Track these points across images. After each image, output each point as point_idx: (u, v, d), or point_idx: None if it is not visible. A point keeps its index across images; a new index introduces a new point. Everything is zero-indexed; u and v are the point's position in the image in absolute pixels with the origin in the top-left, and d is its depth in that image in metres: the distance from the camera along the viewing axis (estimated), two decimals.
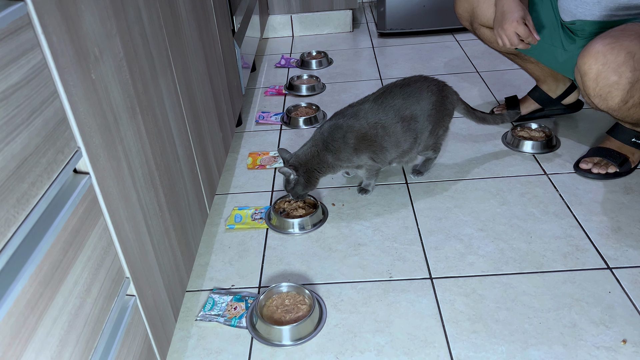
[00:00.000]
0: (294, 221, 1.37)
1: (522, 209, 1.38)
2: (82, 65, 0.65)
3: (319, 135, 1.40)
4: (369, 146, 1.37)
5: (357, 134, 1.36)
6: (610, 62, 1.19)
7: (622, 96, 1.22)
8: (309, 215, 1.38)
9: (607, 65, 1.19)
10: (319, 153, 1.37)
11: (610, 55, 1.18)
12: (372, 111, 1.37)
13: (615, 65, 1.19)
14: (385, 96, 1.39)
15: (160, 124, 0.95)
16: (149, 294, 0.84)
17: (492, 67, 2.23)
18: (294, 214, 1.40)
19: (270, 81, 2.30)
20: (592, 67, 1.22)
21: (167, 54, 1.02)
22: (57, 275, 0.58)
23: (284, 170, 1.36)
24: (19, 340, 0.51)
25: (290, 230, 1.36)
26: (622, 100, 1.23)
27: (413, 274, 1.21)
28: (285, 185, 1.40)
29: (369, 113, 1.38)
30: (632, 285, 1.13)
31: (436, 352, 1.02)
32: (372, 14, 3.09)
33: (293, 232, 1.36)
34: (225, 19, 1.63)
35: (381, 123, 1.36)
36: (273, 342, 1.06)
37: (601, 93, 1.24)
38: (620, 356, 0.98)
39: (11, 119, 0.51)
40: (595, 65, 1.21)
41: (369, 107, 1.39)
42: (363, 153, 1.38)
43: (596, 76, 1.22)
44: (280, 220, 1.38)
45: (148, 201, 0.86)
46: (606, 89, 1.22)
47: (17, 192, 0.52)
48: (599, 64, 1.21)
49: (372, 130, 1.36)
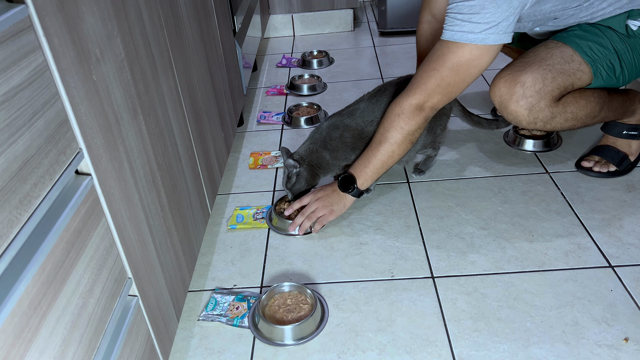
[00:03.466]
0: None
1: (524, 207, 1.38)
2: (83, 67, 0.65)
3: (317, 134, 1.40)
4: (367, 144, 1.38)
5: (354, 132, 1.37)
6: (505, 95, 1.28)
7: (526, 119, 1.28)
8: None
9: (502, 97, 1.28)
10: (317, 151, 1.38)
11: (504, 89, 1.27)
12: (368, 109, 1.38)
13: (508, 97, 1.27)
14: (381, 94, 1.40)
15: (161, 124, 0.95)
16: (152, 294, 0.85)
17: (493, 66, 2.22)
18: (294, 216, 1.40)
19: (271, 81, 2.31)
20: (495, 99, 1.31)
21: (168, 54, 1.02)
22: (59, 276, 0.58)
23: (288, 162, 1.35)
24: (23, 340, 0.51)
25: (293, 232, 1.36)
26: (528, 122, 1.29)
27: (415, 273, 1.21)
28: (285, 183, 1.40)
29: (365, 111, 1.38)
30: (634, 283, 1.13)
31: (438, 351, 1.02)
32: (373, 13, 3.08)
33: (294, 233, 1.36)
34: (226, 18, 1.63)
35: (377, 121, 1.37)
36: (275, 341, 1.07)
37: (509, 118, 1.31)
38: (623, 354, 0.98)
39: (13, 120, 0.52)
40: (496, 98, 1.30)
41: (365, 105, 1.39)
42: (360, 151, 1.38)
43: (499, 105, 1.31)
44: (282, 221, 1.38)
45: (150, 201, 0.86)
46: (510, 115, 1.30)
47: (20, 193, 0.52)
48: (497, 97, 1.30)
49: (369, 128, 1.37)
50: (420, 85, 1.20)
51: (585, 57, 1.26)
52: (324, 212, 1.34)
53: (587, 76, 1.28)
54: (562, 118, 1.29)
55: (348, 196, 1.34)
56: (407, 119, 1.23)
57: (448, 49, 1.15)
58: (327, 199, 1.35)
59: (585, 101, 1.31)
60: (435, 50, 1.18)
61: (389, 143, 1.26)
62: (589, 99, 1.31)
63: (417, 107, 1.22)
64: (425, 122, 1.25)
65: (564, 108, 1.28)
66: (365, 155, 1.31)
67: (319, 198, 1.36)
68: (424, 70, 1.20)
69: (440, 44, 1.16)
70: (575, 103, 1.30)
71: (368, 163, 1.30)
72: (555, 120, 1.29)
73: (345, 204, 1.35)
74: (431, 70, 1.18)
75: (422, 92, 1.20)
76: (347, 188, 1.32)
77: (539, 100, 1.25)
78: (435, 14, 1.49)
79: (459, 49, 1.13)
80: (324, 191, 1.36)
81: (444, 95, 1.20)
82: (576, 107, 1.30)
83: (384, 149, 1.27)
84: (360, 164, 1.31)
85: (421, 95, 1.20)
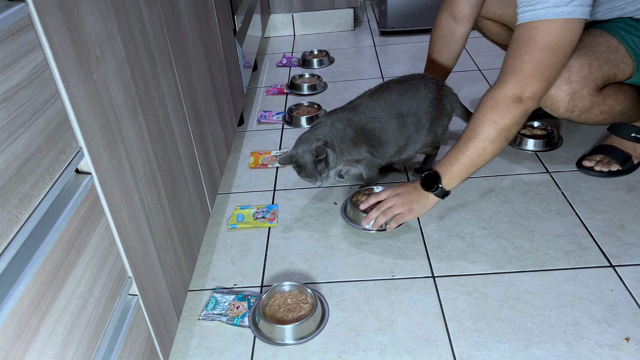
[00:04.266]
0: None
1: (525, 207, 1.38)
2: (83, 66, 0.65)
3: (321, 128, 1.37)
4: (368, 140, 1.38)
5: (356, 127, 1.37)
6: None
7: (565, 106, 1.25)
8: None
9: None
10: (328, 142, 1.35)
11: None
12: (370, 106, 1.38)
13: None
14: (382, 91, 1.40)
15: (161, 124, 0.95)
16: (152, 293, 0.85)
17: (495, 65, 2.22)
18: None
19: (271, 80, 2.30)
20: None
21: (169, 53, 1.02)
22: (59, 276, 0.58)
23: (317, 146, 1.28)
24: (22, 340, 0.51)
25: (366, 226, 1.32)
26: (566, 109, 1.26)
27: (415, 273, 1.21)
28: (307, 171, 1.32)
29: (367, 108, 1.38)
30: (635, 283, 1.13)
31: (439, 351, 1.02)
32: (373, 13, 3.08)
33: (368, 227, 1.31)
34: (227, 18, 1.63)
35: (378, 118, 1.37)
36: (275, 341, 1.07)
37: (547, 104, 1.28)
38: (623, 354, 0.98)
39: (13, 119, 0.51)
40: None
41: (366, 102, 1.39)
42: (362, 146, 1.38)
43: None
44: (356, 214, 1.34)
45: (150, 201, 0.86)
46: (548, 100, 1.26)
47: (20, 192, 0.52)
48: None
49: (370, 124, 1.37)
50: (514, 73, 1.08)
51: (630, 49, 1.24)
52: (402, 210, 1.25)
53: (630, 69, 1.25)
54: (598, 110, 1.26)
55: (431, 196, 1.22)
56: (502, 112, 1.10)
57: (536, 30, 1.04)
58: (407, 196, 1.25)
59: (623, 96, 1.28)
60: (519, 36, 1.07)
61: (479, 139, 1.13)
62: (627, 94, 1.29)
63: (513, 98, 1.09)
64: (525, 116, 1.11)
65: (603, 99, 1.25)
66: (451, 152, 1.19)
67: (398, 194, 1.26)
68: (514, 58, 1.08)
69: (524, 28, 1.06)
70: (615, 96, 1.27)
71: (455, 160, 1.18)
72: (592, 111, 1.26)
73: (426, 204, 1.24)
74: (523, 55, 1.06)
75: (517, 81, 1.08)
76: (430, 187, 1.21)
77: (583, 87, 1.21)
78: (455, 15, 1.47)
79: (548, 26, 1.03)
80: (405, 187, 1.27)
81: (544, 81, 1.08)
82: (615, 100, 1.27)
83: (474, 145, 1.14)
84: (446, 162, 1.19)
85: (517, 84, 1.08)
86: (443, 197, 1.23)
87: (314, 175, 1.33)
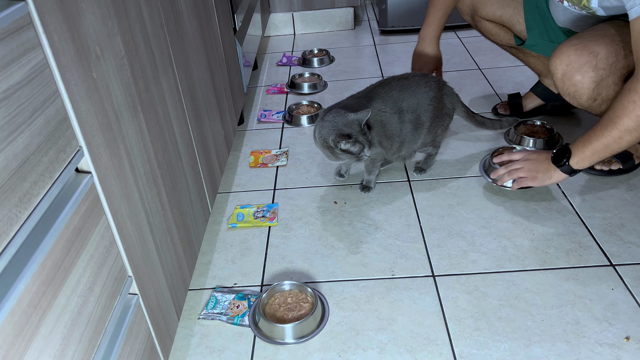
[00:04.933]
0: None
1: (525, 206, 1.38)
2: (83, 64, 0.65)
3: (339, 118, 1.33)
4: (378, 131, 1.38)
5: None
6: (574, 62, 1.23)
7: (588, 94, 1.25)
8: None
9: (570, 65, 1.24)
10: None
11: (574, 56, 1.23)
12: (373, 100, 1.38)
13: (578, 65, 1.23)
14: (383, 87, 1.41)
15: (161, 123, 0.95)
16: (152, 292, 0.85)
17: (494, 64, 2.22)
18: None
19: (272, 79, 2.30)
20: (558, 68, 1.26)
21: (169, 52, 1.02)
22: (59, 274, 0.58)
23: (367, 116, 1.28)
24: (22, 339, 0.51)
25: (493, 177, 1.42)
26: (589, 97, 1.26)
27: (415, 272, 1.21)
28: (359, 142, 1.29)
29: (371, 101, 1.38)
30: (635, 282, 1.13)
31: (439, 350, 1.02)
32: (373, 12, 3.08)
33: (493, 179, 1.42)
34: (227, 17, 1.63)
35: (381, 112, 1.37)
36: (276, 340, 1.07)
37: (569, 92, 1.28)
38: (624, 353, 0.98)
39: (13, 118, 0.51)
40: (561, 66, 1.26)
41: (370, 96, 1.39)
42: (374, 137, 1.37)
43: (562, 76, 1.26)
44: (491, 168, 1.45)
45: (150, 200, 0.86)
46: (572, 87, 1.26)
47: (19, 191, 0.52)
48: (564, 65, 1.25)
49: (378, 117, 1.37)
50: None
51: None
52: (526, 175, 1.31)
53: None
54: None
55: (557, 170, 1.26)
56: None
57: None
58: (536, 163, 1.30)
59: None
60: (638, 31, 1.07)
61: (617, 129, 1.13)
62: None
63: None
64: None
65: None
66: (587, 135, 1.20)
67: (528, 159, 1.33)
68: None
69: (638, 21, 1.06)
70: None
71: (589, 144, 1.19)
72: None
73: (551, 176, 1.28)
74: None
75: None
76: (559, 160, 1.25)
77: (609, 75, 1.20)
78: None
79: None
80: (537, 155, 1.32)
81: None
82: None
83: (610, 134, 1.14)
84: (580, 143, 1.21)
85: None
86: (570, 174, 1.25)
87: (364, 144, 1.30)
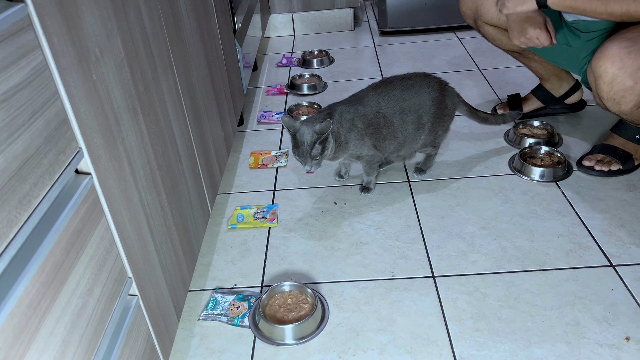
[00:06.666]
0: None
1: (525, 207, 1.38)
2: (83, 66, 0.65)
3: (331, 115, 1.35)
4: (373, 133, 1.38)
5: (363, 119, 1.36)
6: (627, 67, 1.17)
7: (636, 101, 1.21)
8: None
9: (623, 69, 1.18)
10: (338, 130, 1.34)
11: (627, 60, 1.17)
12: (374, 99, 1.38)
13: (632, 70, 1.17)
14: (386, 86, 1.40)
15: (161, 124, 0.95)
16: (152, 293, 0.85)
17: (495, 65, 2.22)
18: None
19: (271, 80, 2.30)
20: (608, 71, 1.20)
21: (168, 54, 1.02)
22: (59, 276, 0.58)
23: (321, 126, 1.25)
24: (22, 341, 0.51)
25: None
26: (635, 105, 1.22)
27: (415, 273, 1.21)
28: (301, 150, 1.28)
29: (372, 101, 1.38)
30: (635, 283, 1.13)
31: (439, 351, 1.02)
32: (373, 13, 3.08)
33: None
34: (226, 18, 1.63)
35: (382, 112, 1.37)
36: (276, 341, 1.07)
37: (615, 97, 1.23)
38: (624, 354, 0.98)
39: (13, 120, 0.51)
40: (612, 69, 1.20)
41: (372, 95, 1.39)
42: (367, 140, 1.38)
43: (611, 80, 1.21)
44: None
45: (150, 201, 0.86)
46: (620, 93, 1.21)
47: (19, 192, 0.52)
48: (615, 68, 1.19)
49: (375, 119, 1.37)
50: None
51: None
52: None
53: None
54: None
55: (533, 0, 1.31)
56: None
57: None
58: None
59: None
60: None
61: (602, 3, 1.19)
62: None
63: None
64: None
65: None
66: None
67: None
68: None
69: None
70: None
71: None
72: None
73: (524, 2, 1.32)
74: None
75: None
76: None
77: None
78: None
79: None
80: None
81: None
82: None
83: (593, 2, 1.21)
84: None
85: None
86: (539, 6, 1.30)
87: (305, 157, 1.29)
